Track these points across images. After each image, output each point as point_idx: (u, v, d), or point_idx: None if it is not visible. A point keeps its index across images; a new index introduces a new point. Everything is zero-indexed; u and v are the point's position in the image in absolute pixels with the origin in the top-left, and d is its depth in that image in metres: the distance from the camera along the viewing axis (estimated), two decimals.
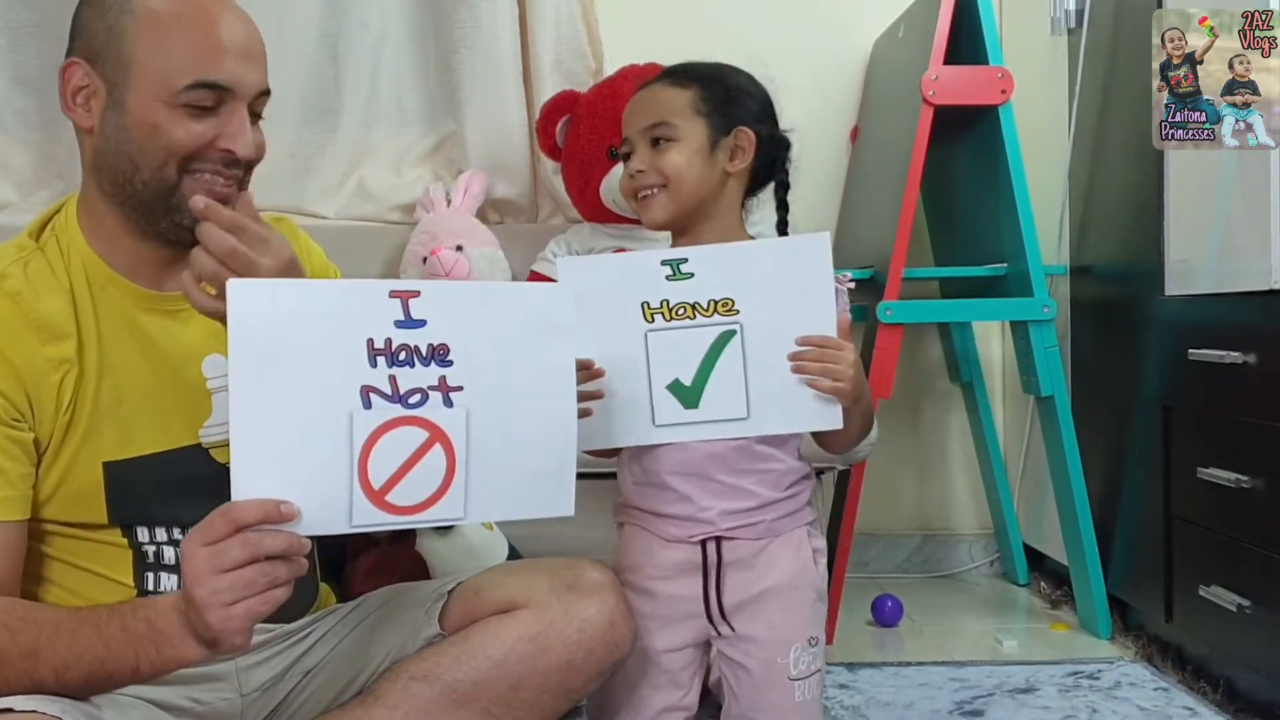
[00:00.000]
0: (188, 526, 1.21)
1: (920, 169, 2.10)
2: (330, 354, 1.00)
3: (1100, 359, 2.26)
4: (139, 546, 1.19)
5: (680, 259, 1.28)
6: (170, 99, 1.14)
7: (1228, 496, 1.73)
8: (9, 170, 2.55)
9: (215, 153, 1.17)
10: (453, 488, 1.05)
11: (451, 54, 2.57)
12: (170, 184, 1.16)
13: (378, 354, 1.01)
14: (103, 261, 1.20)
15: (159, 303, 1.23)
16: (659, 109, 1.36)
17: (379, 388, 1.01)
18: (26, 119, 2.55)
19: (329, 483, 1.00)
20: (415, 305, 1.02)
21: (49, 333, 1.15)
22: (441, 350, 1.03)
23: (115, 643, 1.03)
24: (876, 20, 2.59)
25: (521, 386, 1.09)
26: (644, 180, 1.36)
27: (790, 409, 1.27)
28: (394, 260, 2.43)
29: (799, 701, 1.38)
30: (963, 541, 2.77)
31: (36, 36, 2.51)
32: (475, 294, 1.10)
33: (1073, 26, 2.31)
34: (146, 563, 1.19)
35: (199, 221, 1.12)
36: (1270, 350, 1.63)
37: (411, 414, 1.02)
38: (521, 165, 2.58)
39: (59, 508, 1.17)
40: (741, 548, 1.37)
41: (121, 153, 1.16)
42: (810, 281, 1.27)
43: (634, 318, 1.28)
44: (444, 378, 1.04)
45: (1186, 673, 1.92)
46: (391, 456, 1.02)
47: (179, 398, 1.22)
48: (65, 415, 1.16)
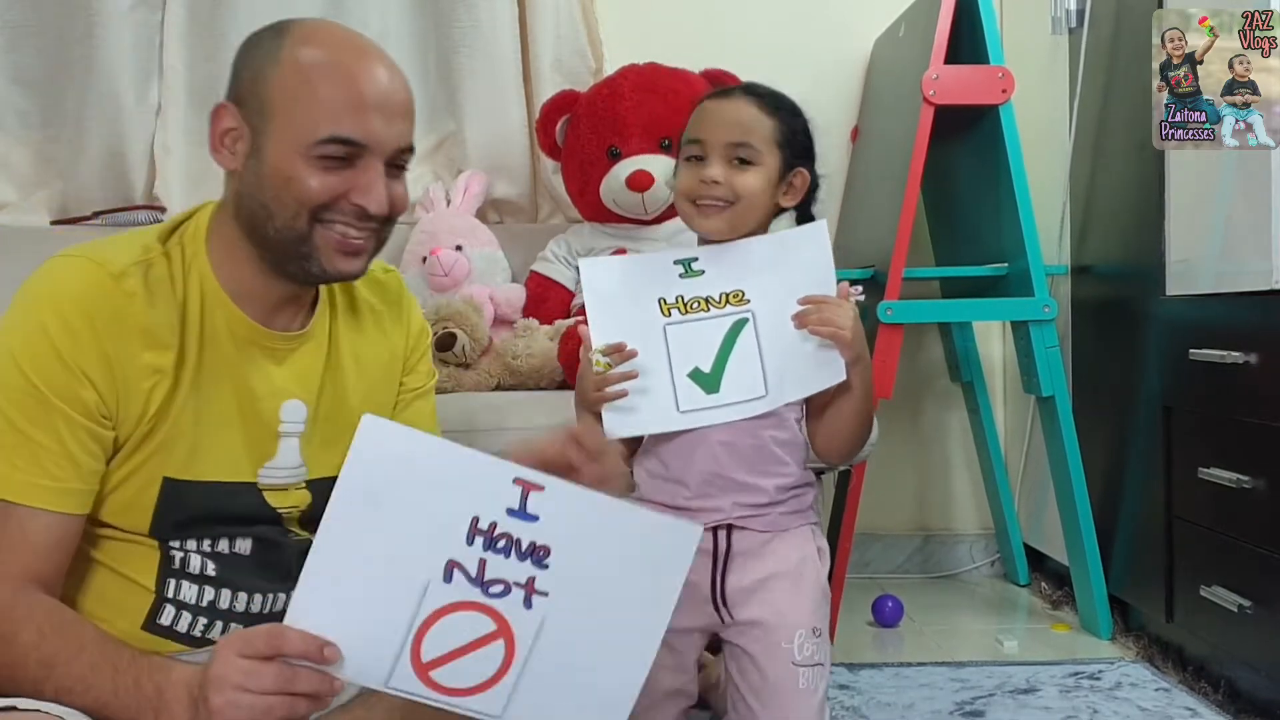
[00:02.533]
0: (219, 540, 1.21)
1: (921, 169, 2.10)
2: (432, 518, 0.96)
3: (1101, 359, 2.26)
4: (168, 551, 1.19)
5: (691, 258, 1.37)
6: (305, 151, 1.14)
7: (1228, 496, 1.73)
8: (9, 170, 2.55)
9: (347, 205, 1.17)
10: (499, 685, 1.01)
11: (451, 54, 2.57)
12: (302, 233, 1.17)
13: (478, 533, 0.97)
14: (219, 284, 1.21)
15: (262, 337, 1.22)
16: (747, 129, 1.38)
17: (465, 566, 0.97)
18: (26, 119, 2.55)
19: (382, 640, 0.98)
20: (534, 499, 0.97)
21: (152, 340, 1.15)
22: (542, 551, 0.98)
23: (124, 692, 1.03)
24: (876, 20, 2.59)
25: (611, 612, 1.02)
26: (716, 192, 1.37)
27: (802, 374, 1.33)
28: (393, 260, 2.42)
29: (802, 688, 1.38)
30: (963, 542, 2.77)
31: (36, 36, 2.51)
32: (600, 507, 1.01)
33: (1073, 26, 2.31)
34: (172, 568, 1.18)
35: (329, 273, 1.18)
36: (1270, 350, 1.63)
37: (487, 603, 0.98)
38: (521, 165, 2.59)
39: (108, 510, 1.17)
40: (750, 538, 1.39)
41: (257, 199, 1.17)
42: (811, 264, 1.34)
43: (652, 312, 1.35)
44: (533, 579, 0.98)
45: (1187, 673, 1.92)
46: (451, 636, 0.99)
47: (250, 433, 1.22)
48: (147, 424, 1.15)
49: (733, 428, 1.36)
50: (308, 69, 1.16)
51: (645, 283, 1.38)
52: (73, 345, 1.11)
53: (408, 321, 1.38)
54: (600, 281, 1.38)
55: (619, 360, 1.33)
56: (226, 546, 1.21)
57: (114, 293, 1.14)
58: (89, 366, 1.12)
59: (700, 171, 1.37)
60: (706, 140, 1.38)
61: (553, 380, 2.12)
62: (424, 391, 1.40)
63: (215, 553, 1.20)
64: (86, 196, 2.49)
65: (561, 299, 2.32)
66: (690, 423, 1.35)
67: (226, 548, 1.21)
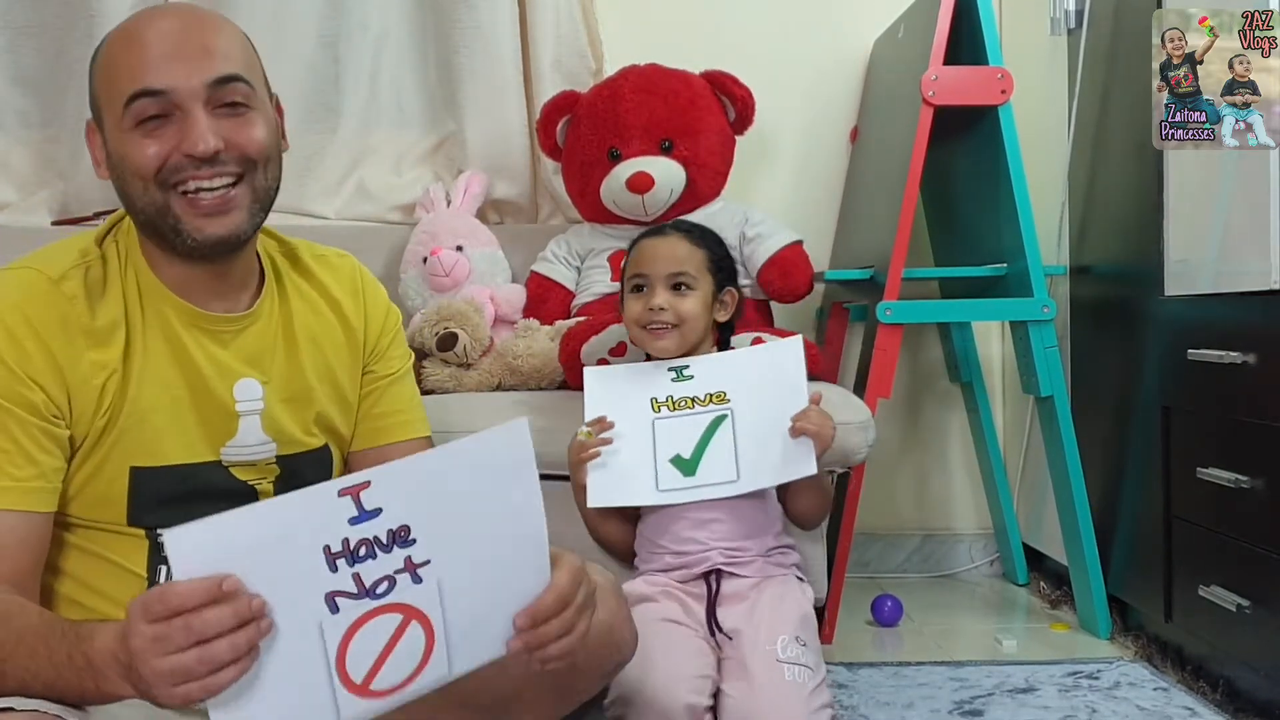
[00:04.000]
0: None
1: (920, 169, 2.10)
2: (287, 574, 0.91)
3: (1100, 359, 2.26)
4: (155, 539, 1.20)
5: (683, 365, 1.62)
6: (123, 124, 1.15)
7: (1227, 496, 1.73)
8: (9, 170, 2.55)
9: (181, 159, 1.15)
10: (435, 654, 0.99)
11: (451, 54, 2.57)
12: (160, 205, 1.17)
13: (337, 557, 0.93)
14: (155, 277, 1.22)
15: (205, 321, 1.23)
16: (682, 260, 1.62)
17: (344, 590, 0.94)
18: (26, 119, 2.55)
19: (310, 693, 0.95)
20: (366, 496, 0.93)
21: (97, 338, 1.17)
22: (402, 532, 0.95)
23: (63, 669, 1.01)
24: (876, 20, 2.59)
25: (490, 535, 1.01)
26: (662, 317, 1.60)
27: (775, 465, 1.55)
28: (394, 260, 2.43)
29: (789, 680, 1.45)
30: (963, 541, 2.77)
31: (36, 36, 2.52)
32: (426, 466, 1.00)
33: (1073, 26, 2.31)
34: (161, 555, 1.20)
35: (200, 240, 1.17)
36: (1270, 350, 1.63)
37: (381, 603, 0.95)
38: (521, 165, 2.59)
39: (82, 505, 1.18)
40: (738, 583, 1.57)
41: (121, 191, 1.20)
42: (786, 372, 1.58)
43: (644, 409, 1.59)
44: (409, 557, 0.96)
45: (1186, 673, 1.92)
46: (369, 648, 0.96)
47: (205, 415, 1.23)
48: (102, 419, 1.17)
49: (714, 504, 1.56)
50: (109, 52, 1.18)
51: (641, 386, 1.61)
52: (18, 353, 1.13)
53: (367, 303, 1.38)
54: (600, 385, 1.63)
55: (599, 430, 1.57)
56: None
57: (56, 297, 1.16)
58: (36, 372, 1.13)
59: (647, 300, 1.60)
60: (650, 274, 1.61)
61: (553, 380, 2.12)
62: (399, 376, 1.41)
63: None
64: (86, 196, 2.49)
65: (562, 299, 2.32)
66: (666, 499, 1.56)
67: None
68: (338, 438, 1.36)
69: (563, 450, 1.60)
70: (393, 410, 1.39)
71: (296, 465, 1.30)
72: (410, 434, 1.40)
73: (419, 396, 1.44)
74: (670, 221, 1.73)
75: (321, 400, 1.32)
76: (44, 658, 1.02)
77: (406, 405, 1.41)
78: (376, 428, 1.39)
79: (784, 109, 2.63)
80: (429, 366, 2.17)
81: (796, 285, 2.19)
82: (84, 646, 1.00)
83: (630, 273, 1.65)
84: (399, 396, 1.40)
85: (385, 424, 1.39)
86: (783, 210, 2.52)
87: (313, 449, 1.32)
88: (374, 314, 1.39)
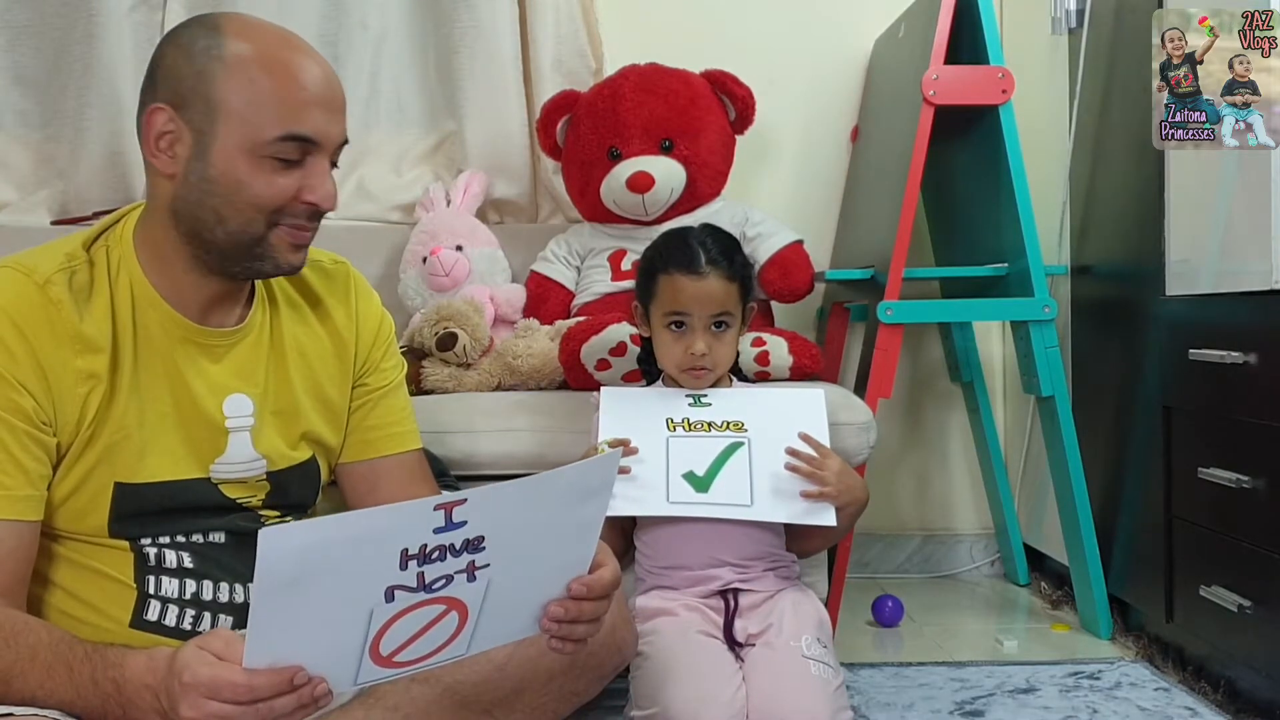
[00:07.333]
0: (191, 533, 1.21)
1: (920, 169, 2.10)
2: (359, 572, 0.94)
3: (1101, 359, 2.26)
4: (141, 549, 1.19)
5: (702, 394, 1.61)
6: (257, 151, 1.14)
7: (1228, 496, 1.73)
8: (9, 170, 2.55)
9: (300, 206, 1.17)
10: (460, 637, 1.03)
11: (451, 54, 2.57)
12: (257, 236, 1.17)
13: (410, 559, 0.95)
14: (151, 286, 1.20)
15: (197, 335, 1.22)
16: (721, 301, 1.58)
17: (405, 585, 0.96)
18: (26, 119, 2.55)
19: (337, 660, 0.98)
20: (459, 511, 0.96)
21: (84, 345, 1.15)
22: (476, 541, 0.98)
23: (84, 690, 1.02)
24: (876, 20, 2.59)
25: (552, 542, 1.05)
26: (703, 363, 1.58)
27: (790, 505, 1.51)
28: (394, 260, 2.43)
29: (815, 675, 1.45)
30: (963, 541, 2.77)
31: (36, 36, 2.52)
32: (523, 491, 1.00)
33: (1073, 26, 2.31)
34: (148, 565, 1.19)
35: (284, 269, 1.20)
36: (1270, 350, 1.63)
37: (433, 596, 0.98)
38: (521, 165, 2.58)
39: (65, 517, 1.17)
40: (754, 597, 1.57)
41: (204, 204, 1.16)
42: (809, 426, 1.55)
43: (659, 428, 1.57)
44: (473, 561, 0.99)
45: (1187, 673, 1.92)
46: (405, 630, 0.99)
47: (192, 431, 1.22)
48: (88, 430, 1.15)
49: (720, 526, 1.54)
50: (254, 66, 1.15)
51: (657, 407, 1.59)
52: (6, 357, 1.11)
53: (358, 312, 1.37)
54: (616, 403, 1.60)
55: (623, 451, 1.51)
56: (200, 538, 1.22)
57: (42, 301, 1.14)
58: (24, 375, 1.12)
59: (688, 343, 1.58)
60: (692, 314, 1.58)
61: (553, 380, 2.12)
62: (392, 388, 1.40)
63: (190, 544, 1.21)
64: (86, 196, 2.49)
65: (562, 299, 2.32)
66: (676, 512, 1.52)
67: (200, 539, 1.22)
68: (325, 450, 1.35)
69: (563, 450, 1.61)
70: (384, 423, 1.38)
71: (284, 480, 1.29)
72: (402, 447, 1.40)
73: (410, 407, 1.43)
74: (695, 236, 1.62)
75: (309, 414, 1.31)
76: (63, 678, 1.03)
77: (398, 417, 1.40)
78: (368, 440, 1.38)
79: (784, 108, 2.63)
80: (429, 366, 2.16)
81: (797, 285, 2.19)
82: (113, 673, 1.01)
83: (667, 309, 1.59)
84: (391, 409, 1.39)
85: (376, 436, 1.38)
86: (783, 210, 2.52)
87: (299, 462, 1.31)
88: (366, 325, 1.38)
